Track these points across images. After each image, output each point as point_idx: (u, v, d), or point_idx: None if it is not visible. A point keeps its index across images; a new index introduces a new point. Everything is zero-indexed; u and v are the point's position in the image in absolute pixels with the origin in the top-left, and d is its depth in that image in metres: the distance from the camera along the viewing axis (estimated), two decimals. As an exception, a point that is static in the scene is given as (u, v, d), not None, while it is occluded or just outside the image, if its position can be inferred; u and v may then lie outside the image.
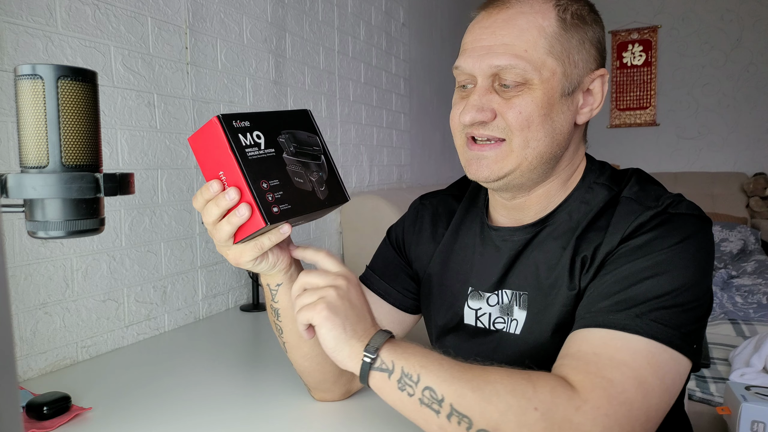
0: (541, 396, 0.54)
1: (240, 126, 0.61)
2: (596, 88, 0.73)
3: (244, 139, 0.61)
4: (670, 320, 0.59)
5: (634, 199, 0.69)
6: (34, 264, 1.03)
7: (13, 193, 0.48)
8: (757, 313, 2.12)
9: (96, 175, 0.50)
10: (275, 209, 0.60)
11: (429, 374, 0.58)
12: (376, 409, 0.83)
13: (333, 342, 0.61)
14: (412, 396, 0.58)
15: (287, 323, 0.76)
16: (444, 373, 0.58)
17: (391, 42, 2.65)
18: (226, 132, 0.59)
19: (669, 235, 0.64)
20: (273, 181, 0.61)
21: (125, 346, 1.21)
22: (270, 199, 0.60)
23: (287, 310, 0.74)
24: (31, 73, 0.48)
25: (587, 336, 0.61)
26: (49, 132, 0.48)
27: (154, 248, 1.30)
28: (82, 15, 1.11)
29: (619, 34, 4.12)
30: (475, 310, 0.79)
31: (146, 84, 1.27)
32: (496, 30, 0.69)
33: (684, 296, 0.61)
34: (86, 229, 0.51)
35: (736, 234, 3.25)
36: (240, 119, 0.61)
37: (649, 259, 0.63)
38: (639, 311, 0.60)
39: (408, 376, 0.58)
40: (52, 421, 0.81)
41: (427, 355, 0.60)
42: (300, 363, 0.80)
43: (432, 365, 0.59)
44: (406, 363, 0.59)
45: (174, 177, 1.35)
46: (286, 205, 0.62)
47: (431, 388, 0.57)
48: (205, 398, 0.90)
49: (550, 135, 0.69)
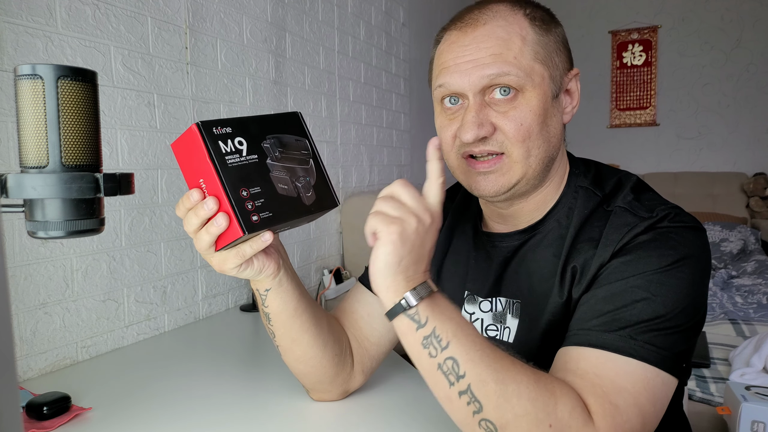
0: (560, 414, 0.54)
1: (221, 133, 0.60)
2: (573, 87, 0.74)
3: (224, 146, 0.59)
4: (662, 342, 0.59)
5: (628, 210, 0.68)
6: (34, 264, 1.03)
7: (13, 193, 0.48)
8: (757, 313, 2.12)
9: (96, 175, 0.50)
10: (254, 218, 0.59)
11: (458, 346, 0.56)
12: (376, 409, 0.83)
13: (382, 266, 0.57)
14: (433, 357, 0.57)
15: (279, 327, 0.75)
16: (474, 352, 0.56)
17: (391, 42, 2.65)
18: (205, 139, 0.58)
19: (664, 252, 0.62)
20: (254, 189, 0.60)
21: (125, 346, 1.21)
22: (249, 207, 0.59)
23: (278, 315, 0.74)
24: (31, 73, 0.48)
25: (584, 354, 0.60)
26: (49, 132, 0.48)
27: (154, 248, 1.30)
28: (82, 15, 1.11)
29: (619, 34, 4.12)
30: (470, 314, 0.80)
31: (146, 84, 1.27)
32: (480, 44, 0.67)
33: (677, 318, 0.60)
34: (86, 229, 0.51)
35: (736, 234, 3.25)
36: (221, 125, 0.60)
37: (642, 278, 0.62)
38: (632, 332, 0.59)
39: (437, 338, 0.57)
40: (52, 421, 0.81)
41: (464, 327, 0.58)
42: (294, 366, 0.80)
43: (465, 339, 0.57)
44: (440, 324, 0.57)
45: (174, 177, 1.35)
46: (267, 213, 0.60)
47: (455, 360, 0.56)
48: (204, 398, 0.90)
49: (546, 140, 0.70)
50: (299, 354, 0.77)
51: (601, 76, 4.18)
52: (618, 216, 0.68)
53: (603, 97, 4.20)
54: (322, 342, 0.77)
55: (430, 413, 0.82)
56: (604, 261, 0.65)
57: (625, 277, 0.62)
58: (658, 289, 0.61)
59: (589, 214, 0.71)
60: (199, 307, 1.44)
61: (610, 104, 4.20)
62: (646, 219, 0.66)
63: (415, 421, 0.80)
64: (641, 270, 0.62)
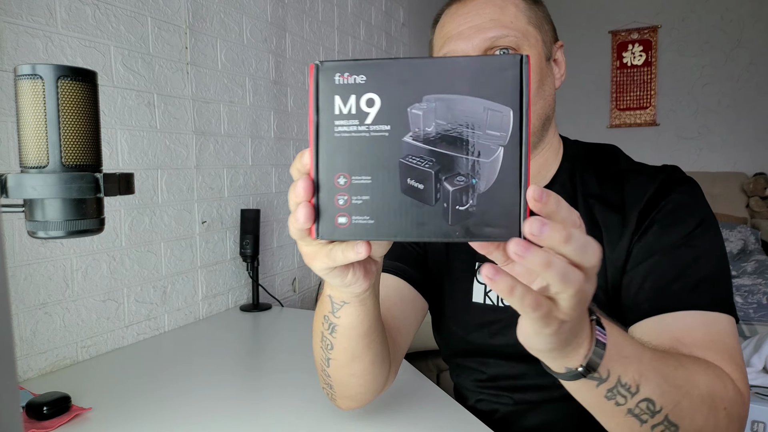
0: (730, 394, 0.56)
1: (344, 83, 0.41)
2: (560, 57, 0.80)
3: (342, 103, 0.41)
4: (727, 292, 0.65)
5: (636, 171, 0.75)
6: (34, 264, 1.03)
7: (13, 193, 0.48)
8: (757, 313, 2.12)
9: (96, 175, 0.50)
10: (342, 219, 0.42)
11: (649, 384, 0.50)
12: (376, 409, 0.83)
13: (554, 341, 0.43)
14: (621, 405, 0.50)
15: (342, 342, 0.64)
16: (662, 380, 0.51)
17: (391, 42, 2.65)
18: (317, 90, 0.42)
19: (694, 203, 0.70)
20: (361, 177, 0.41)
21: (125, 346, 1.21)
22: (341, 203, 0.42)
23: (348, 330, 0.62)
24: (31, 73, 0.48)
25: (686, 320, 0.63)
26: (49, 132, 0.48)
27: (154, 248, 1.29)
28: (82, 15, 1.11)
29: (619, 34, 4.12)
30: (484, 285, 0.80)
31: (146, 84, 1.27)
32: (479, 11, 0.73)
33: (725, 264, 0.67)
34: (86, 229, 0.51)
35: (736, 234, 3.25)
36: (350, 71, 0.41)
37: (686, 228, 0.68)
38: (710, 289, 0.64)
39: (625, 387, 0.49)
40: (52, 421, 0.81)
41: (641, 358, 0.51)
42: (347, 380, 0.71)
43: (650, 372, 0.50)
44: (624, 371, 0.49)
45: (174, 177, 1.35)
46: (366, 218, 0.41)
47: (650, 400, 0.50)
48: (204, 398, 0.90)
49: (543, 98, 0.75)
50: (357, 370, 0.68)
51: (600, 76, 4.18)
52: (631, 179, 0.75)
53: (603, 97, 4.20)
54: (383, 359, 0.70)
55: (431, 413, 0.81)
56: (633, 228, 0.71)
57: (673, 241, 0.68)
58: (706, 241, 0.67)
59: (595, 176, 0.77)
60: (199, 307, 1.44)
61: (610, 104, 4.19)
62: (660, 174, 0.73)
63: (415, 420, 0.80)
64: (684, 232, 0.68)
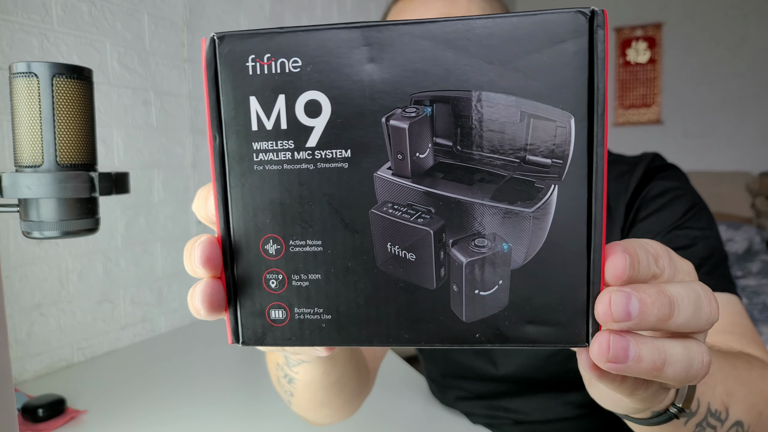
0: None
1: (265, 72, 0.24)
2: None
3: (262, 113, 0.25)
4: (728, 270, 0.63)
5: (614, 162, 0.71)
6: (29, 265, 1.02)
7: (7, 192, 0.47)
8: (762, 314, 2.12)
9: (91, 174, 0.49)
10: (277, 314, 0.27)
11: (736, 402, 0.45)
12: (376, 408, 0.83)
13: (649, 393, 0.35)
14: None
15: (304, 393, 0.57)
16: (746, 392, 0.46)
17: (389, 41, 2.64)
18: (217, 88, 0.25)
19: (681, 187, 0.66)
20: (305, 243, 0.25)
21: (121, 348, 1.19)
22: (273, 286, 0.26)
23: (309, 385, 0.55)
24: (26, 70, 0.47)
25: None
26: (44, 130, 0.47)
27: (150, 249, 1.28)
28: (78, 12, 1.10)
29: (623, 30, 4.08)
30: None
31: (142, 81, 1.26)
32: (428, 5, 0.66)
33: (722, 243, 0.65)
34: (81, 229, 0.50)
35: (741, 234, 3.23)
36: (274, 50, 0.24)
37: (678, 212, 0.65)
38: (713, 270, 0.62)
39: (715, 415, 0.43)
40: (47, 424, 0.80)
41: (724, 370, 0.45)
42: (312, 418, 0.66)
43: (736, 388, 0.45)
44: (712, 395, 0.43)
45: (170, 176, 1.34)
46: (319, 310, 0.26)
47: (740, 423, 0.45)
48: (201, 401, 0.90)
49: None
50: (327, 412, 0.63)
51: (602, 75, 4.18)
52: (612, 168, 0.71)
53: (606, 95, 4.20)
54: (359, 392, 0.65)
55: (428, 411, 0.81)
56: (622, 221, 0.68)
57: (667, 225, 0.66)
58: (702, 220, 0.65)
59: None
60: (196, 307, 1.43)
61: (614, 102, 4.19)
62: (640, 162, 0.69)
63: (413, 418, 0.80)
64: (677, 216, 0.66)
